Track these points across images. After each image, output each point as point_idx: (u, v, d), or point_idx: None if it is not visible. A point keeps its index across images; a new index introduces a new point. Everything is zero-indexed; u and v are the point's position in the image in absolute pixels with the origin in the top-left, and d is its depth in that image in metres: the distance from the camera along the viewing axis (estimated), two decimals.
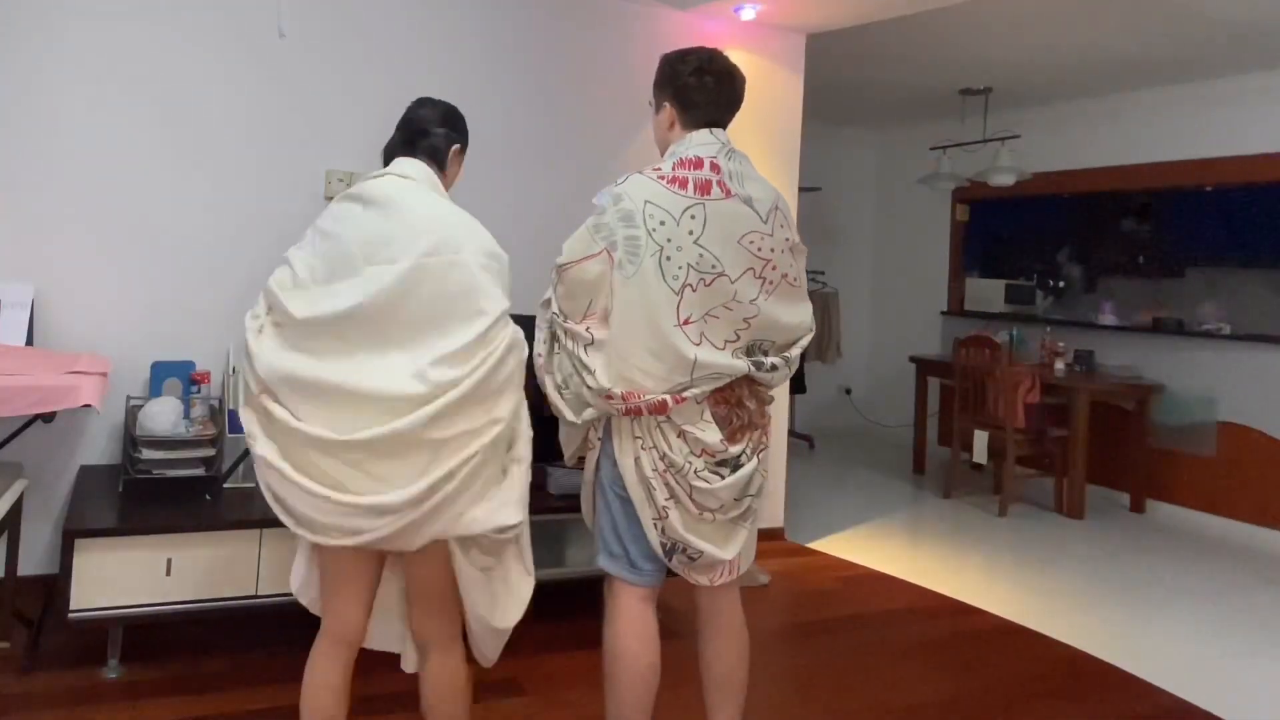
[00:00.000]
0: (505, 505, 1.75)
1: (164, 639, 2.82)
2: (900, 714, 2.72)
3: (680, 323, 1.88)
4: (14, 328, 2.84)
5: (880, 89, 5.97)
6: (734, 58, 4.17)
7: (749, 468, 1.96)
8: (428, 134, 1.92)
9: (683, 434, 1.90)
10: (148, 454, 2.86)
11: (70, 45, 3.09)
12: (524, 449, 1.83)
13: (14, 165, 3.04)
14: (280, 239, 3.38)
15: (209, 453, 2.94)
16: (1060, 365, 5.47)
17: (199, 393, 3.10)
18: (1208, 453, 5.20)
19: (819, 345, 6.79)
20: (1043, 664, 3.15)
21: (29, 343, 2.87)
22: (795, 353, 2.03)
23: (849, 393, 7.45)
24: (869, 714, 2.70)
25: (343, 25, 3.46)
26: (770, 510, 4.41)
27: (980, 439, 5.31)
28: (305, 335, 1.71)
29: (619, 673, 1.99)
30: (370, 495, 1.64)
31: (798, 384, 6.13)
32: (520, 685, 2.71)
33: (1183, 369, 5.34)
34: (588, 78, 3.92)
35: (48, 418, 2.44)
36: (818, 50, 4.49)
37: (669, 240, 1.87)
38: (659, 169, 1.95)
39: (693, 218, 1.88)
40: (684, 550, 1.96)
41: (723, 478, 1.93)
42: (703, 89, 1.99)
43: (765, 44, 4.27)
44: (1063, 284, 6.36)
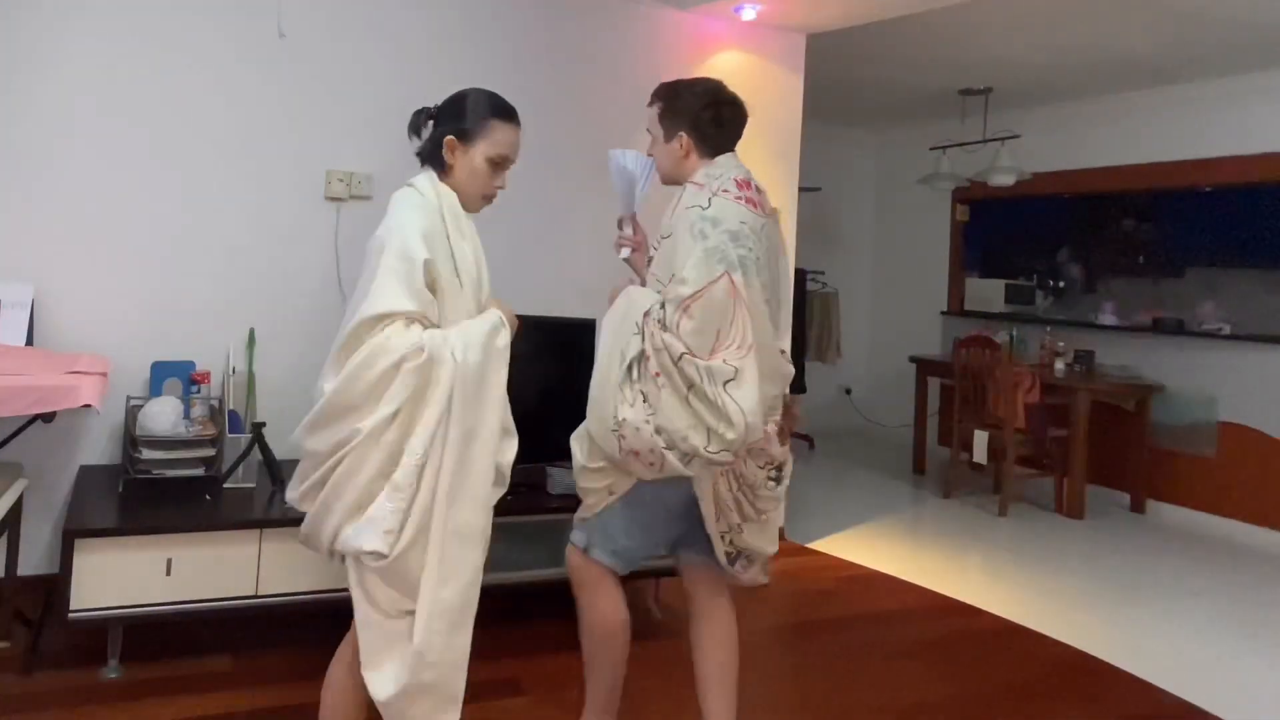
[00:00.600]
0: (366, 530, 1.66)
1: (164, 639, 2.82)
2: (900, 714, 2.72)
3: (778, 341, 2.01)
4: (14, 328, 2.84)
5: (880, 89, 5.97)
6: (734, 58, 4.23)
7: (789, 465, 2.08)
8: (419, 140, 1.98)
9: (751, 451, 1.95)
10: (148, 454, 2.86)
11: (70, 45, 3.09)
12: (402, 476, 1.65)
13: (14, 165, 3.04)
14: (280, 239, 3.38)
15: (209, 453, 2.94)
16: (1060, 365, 5.47)
17: (199, 393, 3.10)
18: (1208, 453, 5.20)
19: (819, 345, 6.79)
20: (1043, 664, 3.15)
21: (29, 343, 2.87)
22: None
23: (849, 393, 7.44)
24: (869, 714, 2.70)
25: (343, 25, 3.46)
26: None
27: (980, 439, 5.31)
28: None
29: (615, 646, 2.12)
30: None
31: (798, 384, 6.12)
32: (520, 685, 2.71)
33: (1183, 369, 5.34)
34: (588, 78, 3.91)
35: (48, 418, 2.44)
36: (818, 50, 4.49)
37: (758, 259, 1.94)
38: (725, 189, 1.97)
39: (767, 236, 2.00)
40: (747, 555, 2.06)
41: (779, 483, 2.04)
42: (721, 120, 2.07)
43: (765, 44, 4.27)
44: (1063, 284, 6.36)
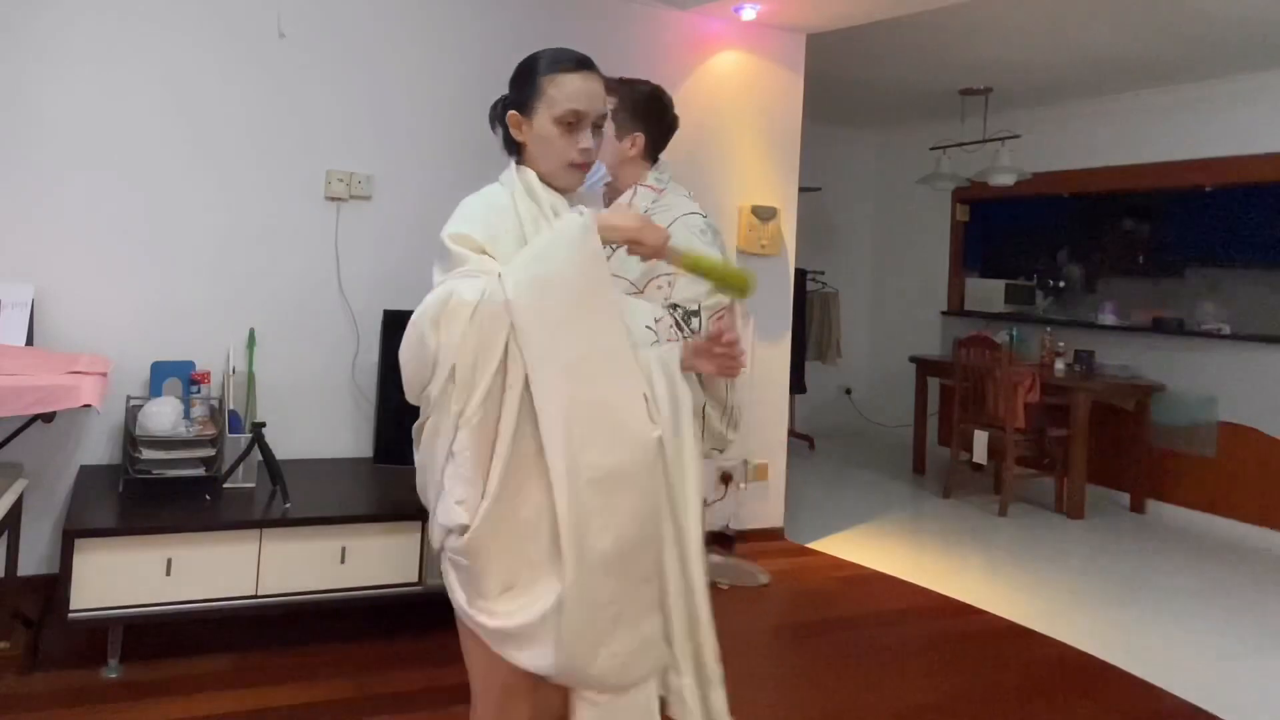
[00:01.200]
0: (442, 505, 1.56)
1: (164, 639, 2.82)
2: (900, 714, 2.72)
3: None
4: (14, 328, 2.84)
5: (880, 89, 5.97)
6: (734, 58, 4.24)
7: None
8: (502, 132, 1.76)
9: None
10: (148, 454, 2.86)
11: (71, 46, 3.09)
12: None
13: (14, 165, 3.04)
14: (281, 239, 3.38)
15: (209, 453, 2.94)
16: (1060, 365, 5.47)
17: (199, 393, 3.10)
18: (1208, 453, 5.20)
19: (819, 345, 6.79)
20: (1043, 664, 3.15)
21: (29, 343, 2.87)
22: None
23: (849, 393, 7.44)
24: (869, 714, 2.70)
25: (343, 25, 3.46)
26: (770, 510, 4.41)
27: (980, 439, 5.31)
28: None
29: None
30: None
31: (798, 384, 6.13)
32: None
33: (1183, 369, 5.34)
34: None
35: (48, 418, 2.44)
36: (818, 50, 4.49)
37: None
38: (682, 192, 1.97)
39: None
40: None
41: None
42: (673, 127, 2.05)
43: (765, 44, 4.27)
44: (1063, 284, 6.36)
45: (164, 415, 2.89)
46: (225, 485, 2.94)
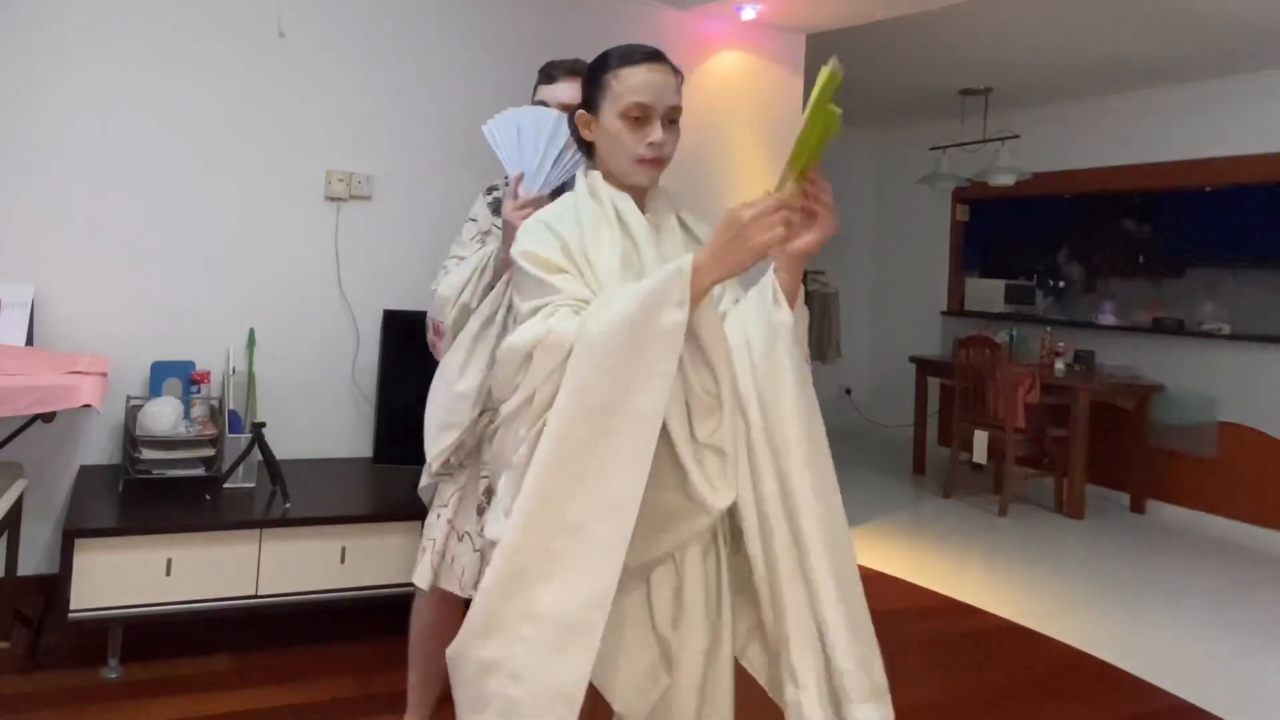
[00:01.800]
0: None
1: (164, 639, 2.82)
2: (900, 714, 2.71)
3: None
4: (14, 328, 2.84)
5: (880, 89, 5.97)
6: (734, 58, 4.24)
7: None
8: (573, 135, 1.71)
9: None
10: (148, 454, 2.86)
11: (70, 45, 3.09)
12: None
13: (14, 165, 3.04)
14: (281, 239, 3.38)
15: (209, 453, 2.94)
16: (1060, 365, 5.47)
17: (199, 393, 3.10)
18: (1208, 453, 5.20)
19: (819, 345, 6.79)
20: (1043, 664, 3.15)
21: (29, 343, 2.87)
22: None
23: (849, 393, 7.44)
24: None
25: (343, 25, 3.46)
26: None
27: (980, 439, 5.31)
28: None
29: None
30: None
31: None
32: None
33: (1183, 369, 5.34)
34: None
35: (48, 418, 2.44)
36: (818, 50, 4.49)
37: None
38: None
39: None
40: None
41: None
42: None
43: (765, 44, 4.27)
44: (1063, 284, 6.36)
45: (164, 415, 2.89)
46: (225, 485, 2.94)
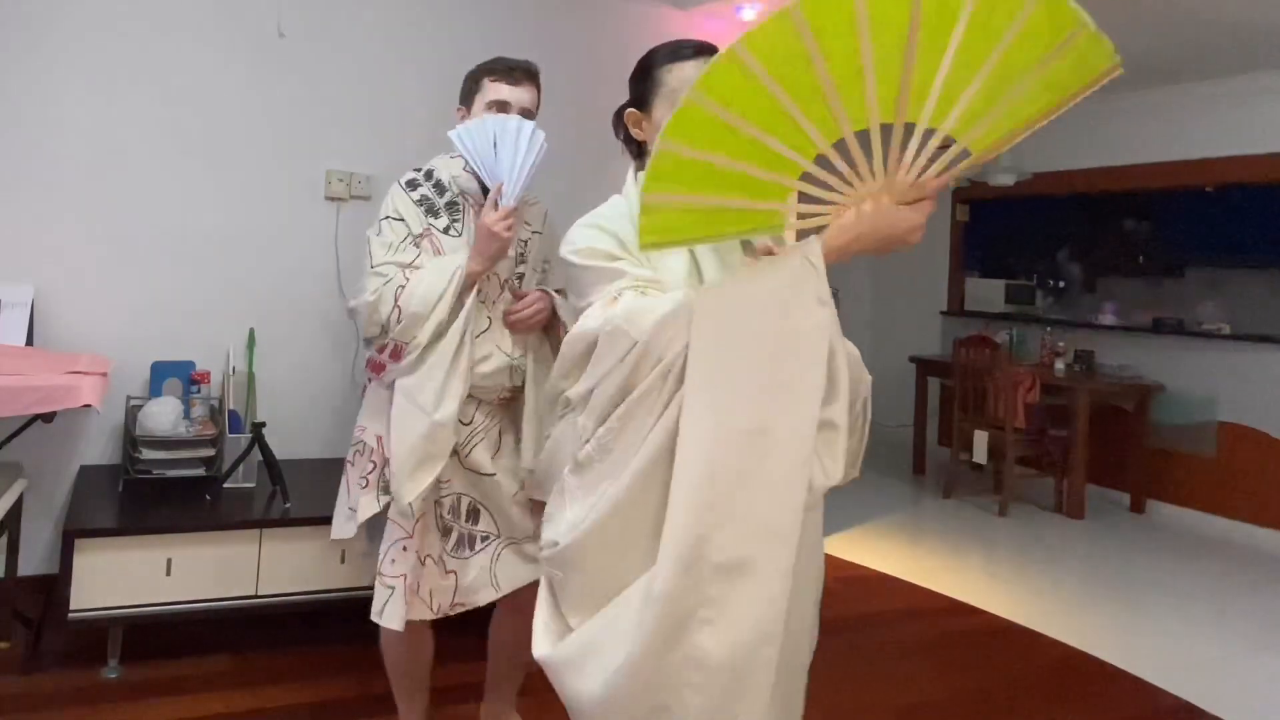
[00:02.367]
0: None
1: (164, 639, 2.82)
2: (900, 714, 2.72)
3: None
4: (14, 328, 2.84)
5: None
6: None
7: None
8: (617, 134, 1.68)
9: None
10: (148, 454, 2.86)
11: (71, 45, 3.09)
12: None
13: (14, 165, 3.04)
14: (281, 239, 3.38)
15: (209, 453, 2.94)
16: (1060, 365, 5.47)
17: (199, 393, 3.10)
18: (1208, 453, 5.20)
19: None
20: (1043, 664, 3.15)
21: (29, 343, 2.87)
22: None
23: None
24: (868, 714, 2.70)
25: (342, 24, 3.46)
26: None
27: (980, 439, 5.31)
28: None
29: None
30: None
31: None
32: (520, 685, 2.71)
33: (1183, 369, 5.34)
34: (587, 78, 3.91)
35: (48, 418, 2.44)
36: None
37: None
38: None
39: None
40: None
41: None
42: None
43: None
44: (1063, 284, 6.36)
45: (164, 415, 2.89)
46: (225, 485, 2.94)
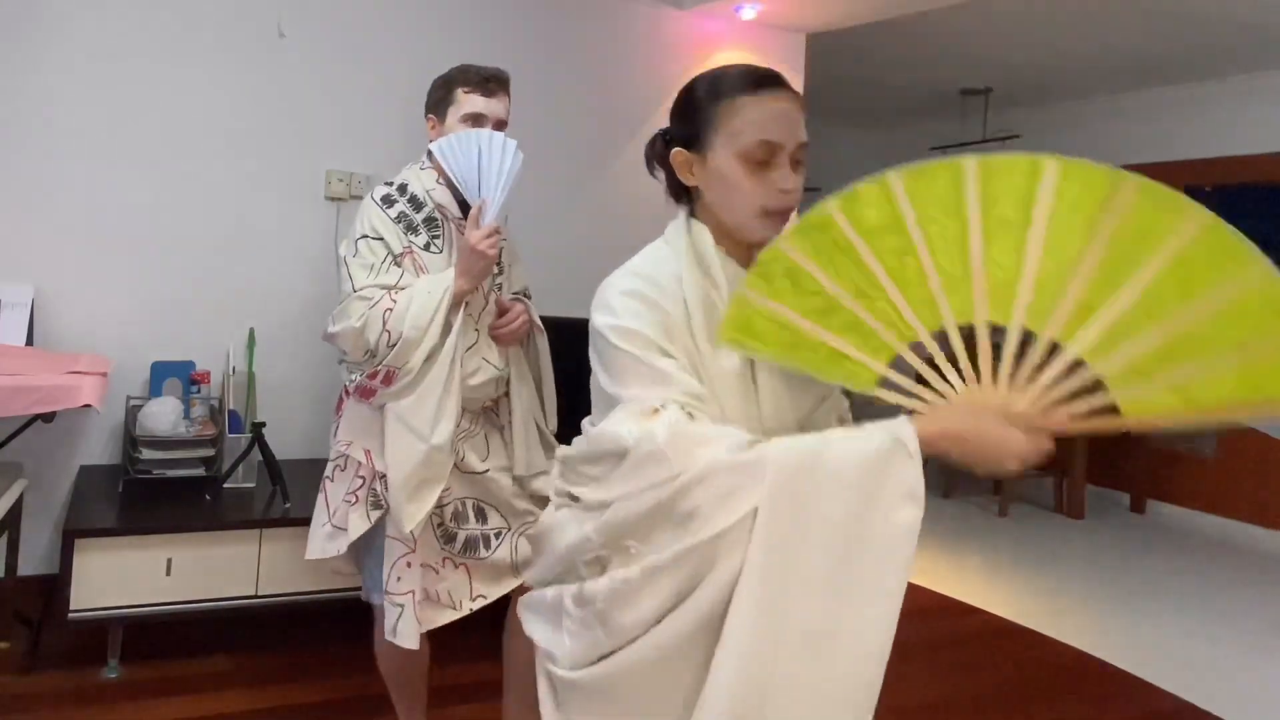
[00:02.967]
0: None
1: (164, 639, 2.82)
2: (900, 714, 2.72)
3: None
4: (14, 328, 2.84)
5: (880, 89, 5.97)
6: (734, 57, 4.22)
7: None
8: (651, 170, 1.38)
9: None
10: (148, 454, 2.86)
11: (70, 45, 3.09)
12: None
13: (14, 165, 3.04)
14: (281, 239, 3.38)
15: (209, 453, 2.94)
16: None
17: (199, 393, 3.10)
18: (1208, 453, 5.20)
19: None
20: (1043, 664, 3.15)
21: (29, 343, 2.87)
22: None
23: (849, 393, 7.44)
24: None
25: (343, 25, 3.46)
26: None
27: None
28: None
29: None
30: None
31: None
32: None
33: None
34: (587, 78, 3.91)
35: (48, 418, 2.44)
36: (818, 50, 4.49)
37: None
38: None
39: None
40: None
41: None
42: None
43: (765, 44, 4.27)
44: None
45: (164, 415, 2.89)
46: (225, 485, 2.94)
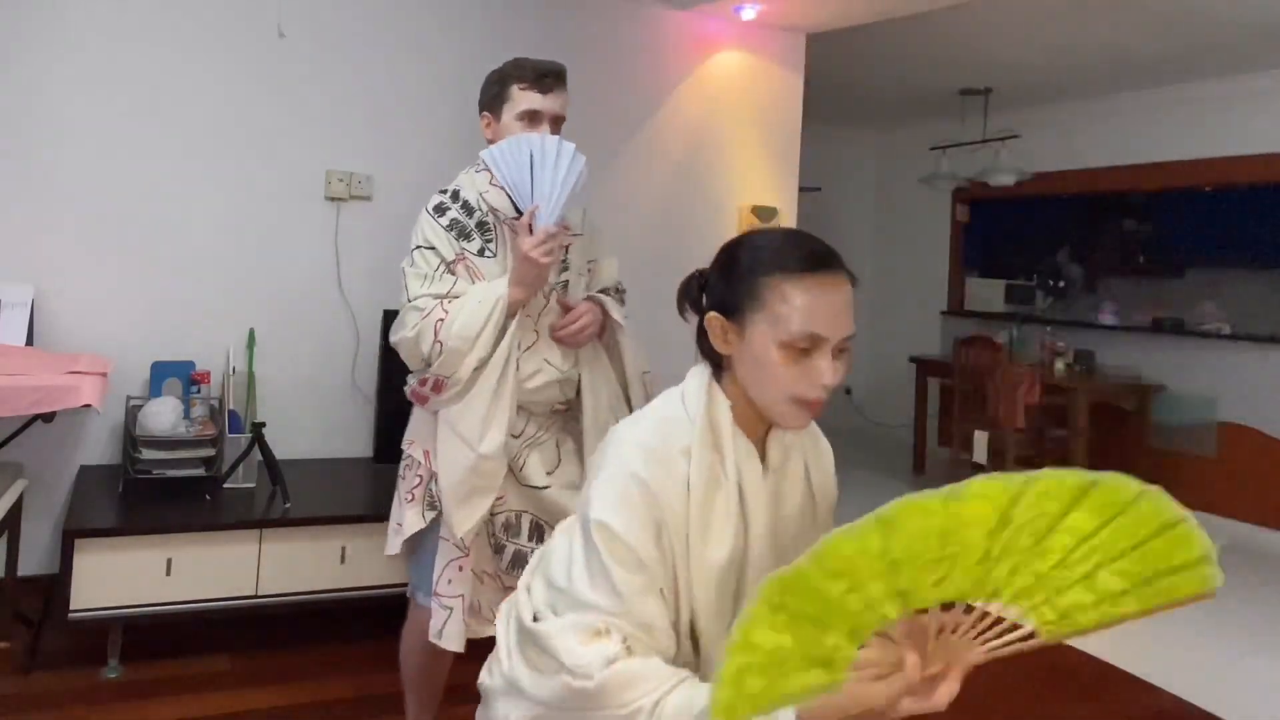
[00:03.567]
0: None
1: (164, 639, 2.82)
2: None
3: None
4: (14, 328, 2.84)
5: (880, 89, 5.97)
6: (734, 57, 4.24)
7: None
8: (682, 312, 1.22)
9: None
10: (148, 454, 2.86)
11: (71, 45, 3.09)
12: None
13: (15, 165, 3.04)
14: (281, 239, 3.38)
15: (209, 453, 2.94)
16: (1060, 365, 5.47)
17: (199, 393, 3.10)
18: (1208, 453, 5.19)
19: None
20: (1043, 664, 3.15)
21: (29, 343, 2.87)
22: None
23: (849, 393, 7.44)
24: None
25: (343, 25, 3.46)
26: None
27: (980, 439, 5.30)
28: None
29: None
30: None
31: None
32: None
33: (1183, 369, 5.34)
34: (587, 78, 3.91)
35: (48, 418, 2.44)
36: (818, 50, 4.49)
37: None
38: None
39: None
40: None
41: None
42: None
43: (765, 44, 4.27)
44: (1063, 284, 6.35)
45: (164, 415, 2.89)
46: (225, 485, 2.94)
